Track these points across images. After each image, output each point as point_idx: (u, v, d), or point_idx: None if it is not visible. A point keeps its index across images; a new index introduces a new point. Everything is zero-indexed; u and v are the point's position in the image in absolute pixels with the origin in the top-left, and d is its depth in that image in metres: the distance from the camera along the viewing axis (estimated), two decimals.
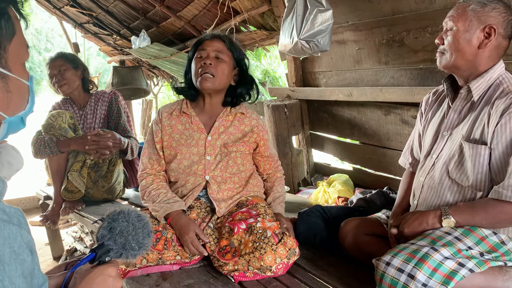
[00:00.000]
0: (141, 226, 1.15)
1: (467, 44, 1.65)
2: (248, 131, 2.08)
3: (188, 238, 1.85)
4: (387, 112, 3.16)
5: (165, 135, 2.06)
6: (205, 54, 1.98)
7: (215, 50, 1.98)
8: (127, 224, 1.12)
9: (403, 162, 2.10)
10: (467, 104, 1.72)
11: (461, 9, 1.66)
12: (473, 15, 1.63)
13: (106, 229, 1.11)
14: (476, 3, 1.63)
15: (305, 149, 4.01)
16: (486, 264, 1.48)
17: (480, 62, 1.66)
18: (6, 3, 0.84)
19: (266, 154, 2.18)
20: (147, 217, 1.19)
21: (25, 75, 0.91)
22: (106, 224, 1.12)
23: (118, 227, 1.11)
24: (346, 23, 3.24)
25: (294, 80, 3.87)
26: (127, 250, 1.11)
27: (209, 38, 2.03)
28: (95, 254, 1.07)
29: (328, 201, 3.11)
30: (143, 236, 1.14)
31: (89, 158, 2.80)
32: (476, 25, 1.62)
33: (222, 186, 2.03)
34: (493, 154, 1.57)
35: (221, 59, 1.98)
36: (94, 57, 18.74)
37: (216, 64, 1.97)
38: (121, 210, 1.14)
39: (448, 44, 1.68)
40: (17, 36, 0.87)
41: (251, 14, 4.02)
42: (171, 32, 5.57)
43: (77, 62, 3.07)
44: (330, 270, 1.87)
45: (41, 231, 3.80)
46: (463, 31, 1.64)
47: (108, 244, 1.09)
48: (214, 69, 1.96)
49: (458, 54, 1.66)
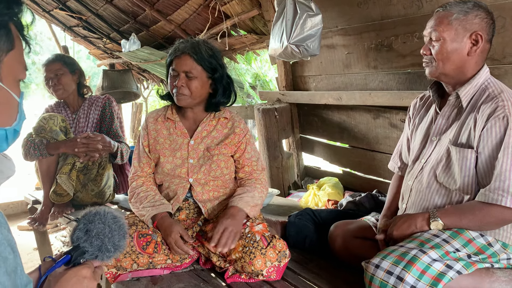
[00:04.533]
0: (117, 228, 1.13)
1: (455, 53, 1.67)
2: (230, 133, 2.08)
3: (172, 240, 1.85)
4: (376, 116, 3.19)
5: (151, 139, 2.09)
6: (175, 73, 1.97)
7: (184, 70, 1.95)
8: (103, 226, 1.10)
9: (392, 166, 2.12)
10: (455, 110, 1.75)
11: (444, 18, 1.67)
12: (458, 24, 1.64)
13: (82, 231, 1.09)
14: (458, 11, 1.65)
15: (295, 153, 4.03)
16: (473, 266, 1.51)
17: (469, 68, 1.69)
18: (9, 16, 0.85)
19: (242, 159, 2.10)
20: (123, 219, 1.18)
21: (16, 91, 0.91)
22: (82, 225, 1.10)
23: (95, 230, 1.09)
24: (335, 27, 3.27)
25: (284, 84, 3.89)
26: (102, 252, 1.10)
27: (178, 55, 1.96)
28: (70, 256, 1.06)
29: (318, 204, 3.13)
30: (119, 238, 1.13)
31: (79, 161, 2.78)
32: (463, 33, 1.64)
33: (206, 188, 2.04)
34: (479, 158, 1.60)
35: (192, 76, 1.96)
36: (84, 60, 18.61)
37: (188, 83, 1.95)
38: (97, 211, 1.12)
39: (436, 54, 1.69)
40: (15, 51, 0.87)
41: (242, 18, 4.03)
42: (161, 36, 5.56)
43: (74, 67, 3.06)
44: (320, 273, 1.88)
45: (29, 236, 3.77)
46: (451, 41, 1.66)
47: (84, 246, 1.08)
48: (186, 90, 1.96)
49: (447, 63, 1.68)
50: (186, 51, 1.96)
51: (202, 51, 1.98)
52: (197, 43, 2.00)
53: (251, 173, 2.11)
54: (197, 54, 1.96)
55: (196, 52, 1.96)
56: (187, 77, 1.95)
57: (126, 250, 1.84)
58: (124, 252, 1.83)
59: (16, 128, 0.92)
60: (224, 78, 2.05)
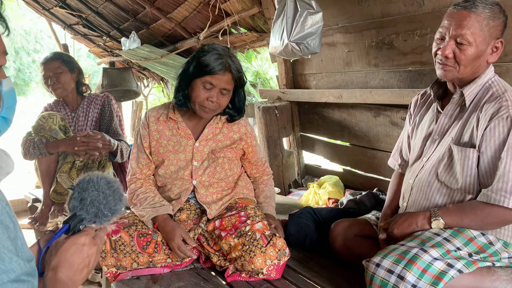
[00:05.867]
0: (112, 192, 1.13)
1: (480, 58, 1.61)
2: (236, 139, 2.07)
3: (175, 245, 1.84)
4: (377, 114, 3.18)
5: (153, 141, 2.04)
6: (211, 87, 1.87)
7: (222, 87, 1.88)
8: (97, 193, 1.10)
9: (392, 163, 2.11)
10: (458, 108, 1.73)
11: (475, 22, 1.56)
12: (488, 30, 1.57)
13: (77, 200, 1.09)
14: (489, 16, 1.56)
15: (296, 151, 4.02)
16: (474, 265, 1.50)
17: (481, 71, 1.66)
18: None
19: (253, 160, 2.17)
20: (117, 182, 1.17)
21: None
22: (76, 194, 1.10)
23: (89, 198, 1.09)
24: (336, 25, 3.26)
25: (285, 82, 3.88)
26: (100, 218, 1.10)
27: (221, 71, 1.85)
28: (68, 226, 1.06)
29: (319, 203, 3.12)
30: (114, 202, 1.13)
31: (78, 160, 2.78)
32: (489, 39, 1.59)
33: (210, 190, 2.02)
34: (481, 158, 1.59)
35: (226, 93, 1.91)
36: (84, 58, 18.61)
37: (220, 99, 1.90)
38: (90, 178, 1.12)
39: (463, 58, 1.59)
40: None
41: (242, 16, 4.02)
42: (161, 34, 5.55)
43: (73, 65, 3.05)
44: (321, 272, 1.87)
45: (29, 234, 3.76)
46: (479, 46, 1.58)
47: (80, 214, 1.08)
48: (217, 105, 1.91)
49: (468, 67, 1.62)
50: (228, 68, 1.88)
51: (238, 67, 1.93)
52: (233, 57, 1.93)
53: (264, 169, 2.25)
54: (236, 71, 1.91)
55: (235, 69, 1.91)
56: (221, 93, 1.90)
57: (126, 249, 1.83)
58: (124, 251, 1.83)
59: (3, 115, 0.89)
60: (241, 99, 2.04)
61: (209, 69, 1.85)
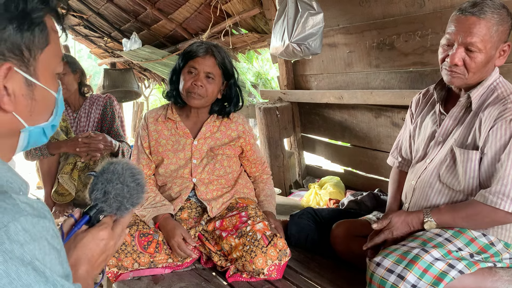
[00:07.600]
0: (136, 185, 1.08)
1: (488, 63, 1.60)
2: (235, 137, 2.10)
3: (175, 243, 1.85)
4: (378, 115, 3.18)
5: (152, 141, 2.07)
6: (195, 72, 1.94)
7: (206, 71, 1.93)
8: (121, 186, 1.05)
9: (392, 162, 2.10)
10: (463, 110, 1.71)
11: (485, 28, 1.52)
12: (497, 36, 1.55)
13: (100, 192, 1.05)
14: (498, 21, 1.53)
15: (297, 152, 4.02)
16: (476, 265, 1.50)
17: (489, 74, 1.64)
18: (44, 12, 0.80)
19: (252, 158, 2.19)
20: (141, 173, 1.11)
21: (53, 86, 0.87)
22: (100, 185, 1.05)
23: (113, 191, 1.04)
24: (337, 26, 3.26)
25: (286, 83, 3.88)
26: (121, 211, 1.07)
27: (202, 54, 1.94)
28: (89, 217, 1.04)
29: (320, 203, 3.12)
30: (137, 196, 1.09)
31: (80, 161, 2.78)
32: (497, 44, 1.57)
33: (210, 187, 2.04)
34: (483, 159, 1.58)
35: (211, 78, 1.95)
36: (85, 59, 18.62)
37: (206, 85, 1.94)
38: (115, 169, 1.06)
39: (474, 66, 1.57)
40: (50, 46, 0.83)
41: (243, 17, 4.03)
42: (163, 35, 5.56)
43: (75, 66, 3.05)
44: (322, 272, 1.87)
45: None
46: (488, 52, 1.56)
47: (101, 206, 1.05)
48: (204, 91, 1.94)
49: (477, 73, 1.60)
50: (210, 52, 1.95)
51: (223, 55, 1.99)
52: (218, 46, 2.01)
53: (264, 168, 2.27)
54: (219, 57, 1.97)
55: (219, 55, 1.97)
56: (207, 78, 1.94)
57: (128, 249, 1.84)
58: (126, 251, 1.83)
59: (53, 123, 0.90)
60: (234, 89, 2.07)
61: (191, 53, 1.95)
